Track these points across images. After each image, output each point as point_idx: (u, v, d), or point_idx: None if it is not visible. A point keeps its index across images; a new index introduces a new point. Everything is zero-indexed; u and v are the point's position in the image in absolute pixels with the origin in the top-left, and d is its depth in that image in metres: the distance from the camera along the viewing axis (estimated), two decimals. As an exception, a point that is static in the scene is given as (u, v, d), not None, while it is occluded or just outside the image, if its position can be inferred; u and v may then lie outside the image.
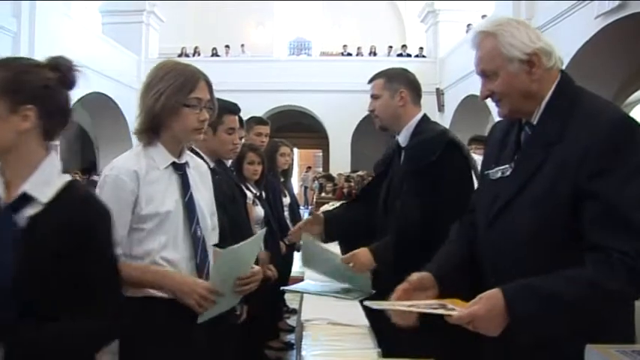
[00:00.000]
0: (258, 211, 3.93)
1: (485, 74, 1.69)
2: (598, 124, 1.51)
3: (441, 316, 1.47)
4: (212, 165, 2.73)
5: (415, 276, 1.70)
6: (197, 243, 1.96)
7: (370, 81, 2.73)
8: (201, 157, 2.65)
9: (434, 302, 1.58)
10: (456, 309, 1.48)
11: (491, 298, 1.45)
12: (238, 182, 3.39)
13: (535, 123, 1.66)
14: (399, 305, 1.56)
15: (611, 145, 1.47)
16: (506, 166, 1.70)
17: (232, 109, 2.77)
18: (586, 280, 1.42)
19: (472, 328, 1.45)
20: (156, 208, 1.87)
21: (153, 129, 1.94)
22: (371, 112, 2.72)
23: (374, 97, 2.69)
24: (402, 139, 2.65)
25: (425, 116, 2.68)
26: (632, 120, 1.54)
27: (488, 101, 1.74)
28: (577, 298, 1.42)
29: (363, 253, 2.58)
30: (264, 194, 4.36)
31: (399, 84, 2.63)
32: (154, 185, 1.90)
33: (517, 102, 1.66)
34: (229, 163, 3.35)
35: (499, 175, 1.73)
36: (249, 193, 3.79)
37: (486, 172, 1.81)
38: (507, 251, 1.62)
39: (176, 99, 1.89)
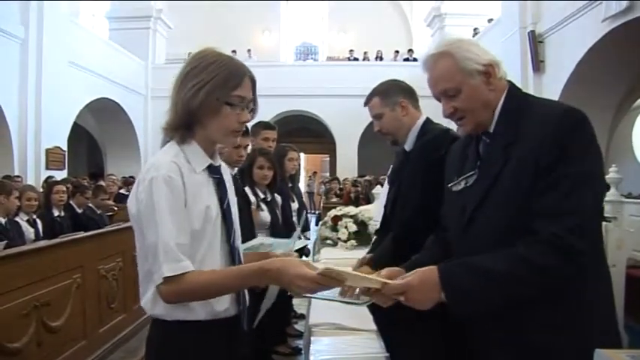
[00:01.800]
0: (264, 216, 3.90)
1: (446, 93, 1.74)
2: (546, 118, 1.59)
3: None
4: (233, 172, 2.74)
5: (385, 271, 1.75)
6: (235, 255, 1.77)
7: (366, 103, 2.71)
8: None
9: (372, 277, 1.64)
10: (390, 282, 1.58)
11: (425, 272, 1.55)
12: (243, 188, 3.39)
13: (492, 131, 1.73)
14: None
15: (557, 136, 1.54)
16: (470, 173, 1.76)
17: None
18: (517, 257, 1.51)
19: (404, 299, 1.54)
20: (199, 211, 1.66)
21: (187, 126, 1.72)
22: (379, 132, 2.69)
23: (376, 117, 2.67)
24: (408, 144, 2.65)
25: (428, 119, 2.67)
26: (574, 112, 1.60)
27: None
28: (508, 274, 1.50)
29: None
30: (279, 199, 4.33)
31: (395, 96, 2.63)
32: (197, 186, 1.69)
33: (480, 114, 1.72)
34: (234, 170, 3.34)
35: (462, 185, 1.79)
36: (253, 198, 3.78)
37: (449, 185, 1.86)
38: (486, 251, 1.63)
39: (218, 95, 1.67)
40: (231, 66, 1.72)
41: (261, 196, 3.93)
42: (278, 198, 4.32)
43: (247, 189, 3.70)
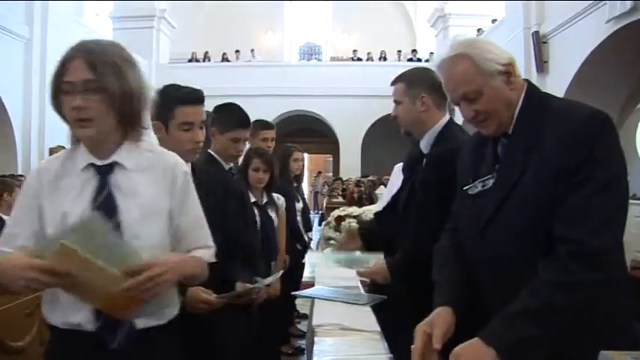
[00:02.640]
0: None
1: (467, 97, 1.66)
2: (569, 123, 1.54)
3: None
4: (227, 167, 2.72)
5: (440, 330, 1.58)
6: None
7: (392, 83, 2.59)
8: (217, 160, 2.64)
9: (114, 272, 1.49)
10: None
11: (468, 346, 1.45)
12: (241, 189, 3.25)
13: (510, 132, 1.66)
14: None
15: (580, 142, 1.49)
16: (488, 177, 1.69)
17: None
18: (543, 284, 1.44)
19: None
20: (53, 217, 1.60)
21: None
22: (394, 118, 2.59)
23: (396, 102, 2.56)
24: (424, 145, 2.54)
25: (450, 121, 2.54)
26: (600, 117, 1.55)
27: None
28: (544, 304, 1.42)
29: (380, 270, 2.53)
30: (282, 201, 4.23)
31: (419, 88, 2.48)
32: (65, 190, 1.63)
33: (502, 115, 1.65)
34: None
35: (479, 188, 1.71)
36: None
37: (464, 188, 1.79)
38: (502, 259, 1.61)
39: (53, 87, 1.65)
40: (64, 54, 1.65)
41: (252, 199, 3.65)
42: (281, 200, 4.22)
43: None
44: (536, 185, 1.54)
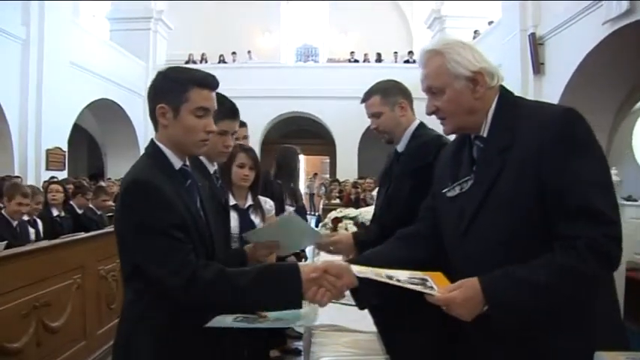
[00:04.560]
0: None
1: (431, 91, 1.77)
2: (545, 120, 1.59)
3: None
4: (213, 170, 2.53)
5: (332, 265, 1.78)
6: None
7: (363, 101, 2.75)
8: (201, 162, 2.53)
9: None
10: (435, 287, 1.57)
11: (469, 288, 1.53)
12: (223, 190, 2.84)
13: (485, 135, 1.73)
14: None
15: (562, 135, 1.54)
16: (466, 179, 1.75)
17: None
18: (556, 266, 1.49)
19: (447, 311, 1.54)
20: None
21: None
22: (375, 130, 2.74)
23: (374, 115, 2.71)
24: (401, 145, 2.70)
25: (421, 122, 2.73)
26: (575, 111, 1.60)
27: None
28: (549, 283, 1.48)
29: (347, 238, 2.59)
30: (270, 206, 3.60)
31: (395, 96, 2.68)
32: None
33: (461, 118, 1.75)
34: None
35: (457, 191, 1.78)
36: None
37: (442, 192, 1.84)
38: (484, 259, 1.64)
39: None
40: None
41: (232, 202, 3.18)
42: (268, 204, 3.60)
43: None
44: (515, 185, 1.58)
